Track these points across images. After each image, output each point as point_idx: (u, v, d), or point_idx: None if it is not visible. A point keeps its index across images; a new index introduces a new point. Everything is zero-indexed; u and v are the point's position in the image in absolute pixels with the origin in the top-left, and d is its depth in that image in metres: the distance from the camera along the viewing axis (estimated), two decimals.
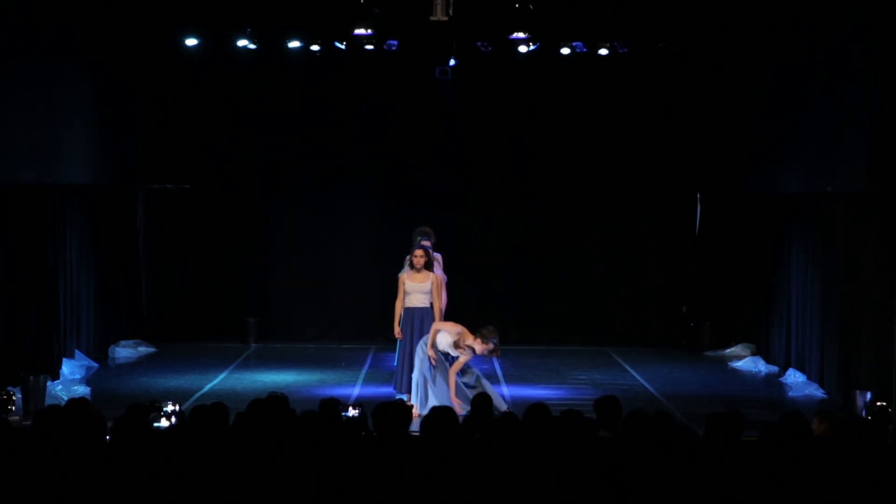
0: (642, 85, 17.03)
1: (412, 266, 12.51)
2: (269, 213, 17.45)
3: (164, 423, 8.54)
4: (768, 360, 15.65)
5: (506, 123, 17.34)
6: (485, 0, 14.68)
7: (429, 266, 12.50)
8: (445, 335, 11.98)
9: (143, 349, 16.46)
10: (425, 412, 11.65)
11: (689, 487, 6.44)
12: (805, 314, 14.37)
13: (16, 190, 12.31)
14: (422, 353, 12.01)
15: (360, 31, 14.90)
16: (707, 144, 16.93)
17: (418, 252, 12.49)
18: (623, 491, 6.42)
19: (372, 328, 16.91)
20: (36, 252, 12.86)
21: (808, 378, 14.03)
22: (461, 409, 11.38)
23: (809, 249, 14.35)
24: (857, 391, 12.22)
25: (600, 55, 16.26)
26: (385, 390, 12.99)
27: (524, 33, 14.94)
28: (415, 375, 12.10)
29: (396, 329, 12.53)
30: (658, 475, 6.47)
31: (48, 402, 11.53)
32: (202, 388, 13.61)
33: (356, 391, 13.42)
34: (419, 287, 12.46)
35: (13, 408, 11.55)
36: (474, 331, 11.88)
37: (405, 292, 12.49)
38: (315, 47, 15.99)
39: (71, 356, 14.42)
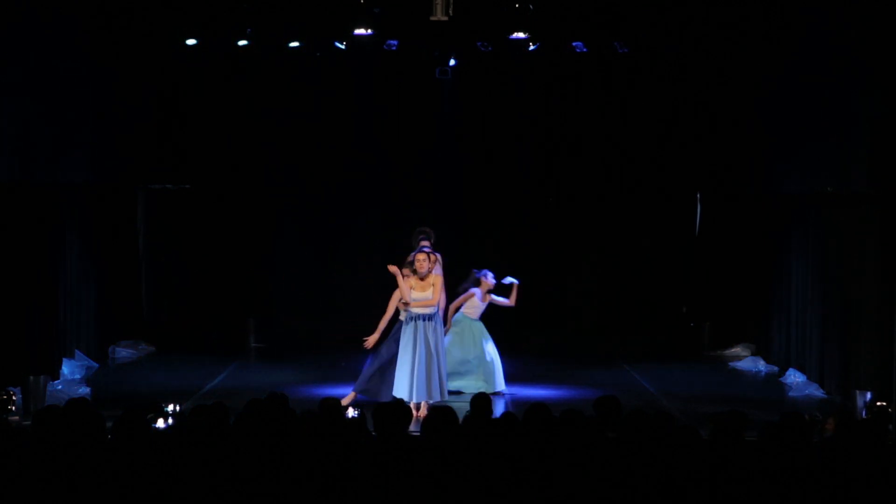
0: (642, 86, 17.02)
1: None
2: (268, 212, 17.44)
3: (163, 423, 8.54)
4: (768, 360, 15.65)
5: (506, 124, 17.34)
6: (485, 0, 14.68)
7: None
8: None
9: (143, 349, 16.48)
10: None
11: (689, 487, 6.44)
12: (805, 314, 14.37)
13: (16, 190, 12.31)
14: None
15: (360, 31, 14.90)
16: (707, 144, 16.93)
17: (420, 256, 12.57)
18: (623, 491, 6.42)
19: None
20: (36, 252, 12.85)
21: (808, 378, 14.03)
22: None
23: (809, 249, 14.35)
24: (857, 391, 12.21)
25: (600, 55, 16.26)
26: None
27: (524, 33, 14.93)
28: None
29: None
30: (658, 475, 6.47)
31: (48, 402, 11.53)
32: (202, 388, 13.62)
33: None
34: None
35: (13, 408, 11.55)
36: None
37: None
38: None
39: (71, 356, 14.42)
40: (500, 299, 13.96)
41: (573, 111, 17.26)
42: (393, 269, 12.33)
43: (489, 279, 13.83)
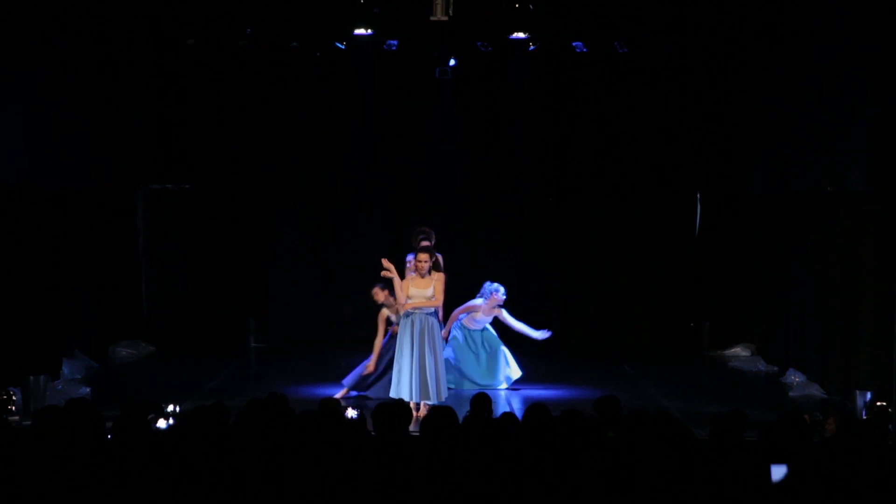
0: (642, 85, 17.02)
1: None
2: (268, 212, 17.44)
3: (163, 423, 8.54)
4: (768, 360, 15.64)
5: (505, 123, 17.33)
6: (485, 0, 14.68)
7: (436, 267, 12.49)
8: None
9: (143, 349, 16.48)
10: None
11: (689, 487, 6.44)
12: (805, 314, 14.37)
13: (16, 190, 12.31)
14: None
15: (360, 31, 14.90)
16: (707, 144, 16.93)
17: (422, 256, 12.45)
18: (623, 491, 6.42)
19: (372, 328, 16.88)
20: (36, 252, 12.85)
21: (808, 378, 14.03)
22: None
23: (809, 249, 14.34)
24: (857, 391, 12.21)
25: (600, 55, 16.25)
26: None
27: (524, 33, 14.94)
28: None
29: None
30: (658, 475, 6.47)
31: (48, 402, 11.53)
32: (202, 388, 13.62)
33: (356, 391, 13.41)
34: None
35: (13, 408, 11.55)
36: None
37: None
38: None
39: (71, 356, 14.41)
40: (517, 324, 13.91)
41: (573, 111, 17.25)
42: (387, 265, 12.21)
43: (499, 296, 13.72)
